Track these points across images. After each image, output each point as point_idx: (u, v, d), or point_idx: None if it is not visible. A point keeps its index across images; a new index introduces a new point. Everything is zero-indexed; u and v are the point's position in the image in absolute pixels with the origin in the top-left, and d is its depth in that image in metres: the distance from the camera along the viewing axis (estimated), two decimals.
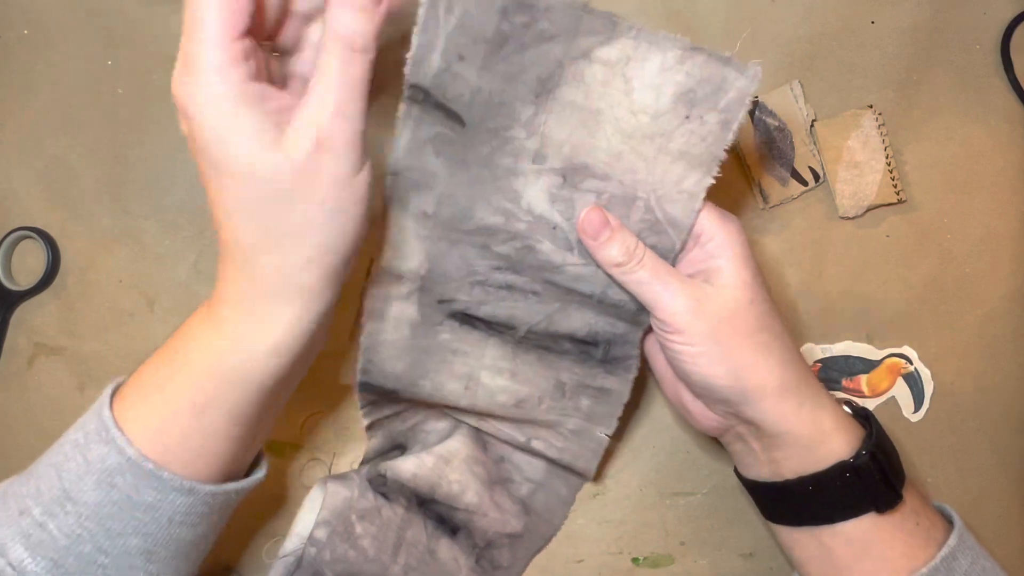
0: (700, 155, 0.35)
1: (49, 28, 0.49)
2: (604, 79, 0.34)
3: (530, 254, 0.37)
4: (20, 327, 0.50)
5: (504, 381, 0.41)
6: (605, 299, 0.38)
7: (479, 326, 0.40)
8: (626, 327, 0.40)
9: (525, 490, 0.47)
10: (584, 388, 0.42)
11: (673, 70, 0.33)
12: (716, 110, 0.34)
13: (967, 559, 0.36)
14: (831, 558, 0.38)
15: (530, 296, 0.39)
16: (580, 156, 0.35)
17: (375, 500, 0.42)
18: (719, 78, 0.33)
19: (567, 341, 0.40)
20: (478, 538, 0.45)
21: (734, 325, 0.35)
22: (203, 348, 0.33)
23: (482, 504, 0.44)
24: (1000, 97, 0.50)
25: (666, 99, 0.34)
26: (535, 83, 0.34)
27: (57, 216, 0.49)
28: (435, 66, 0.33)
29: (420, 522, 0.43)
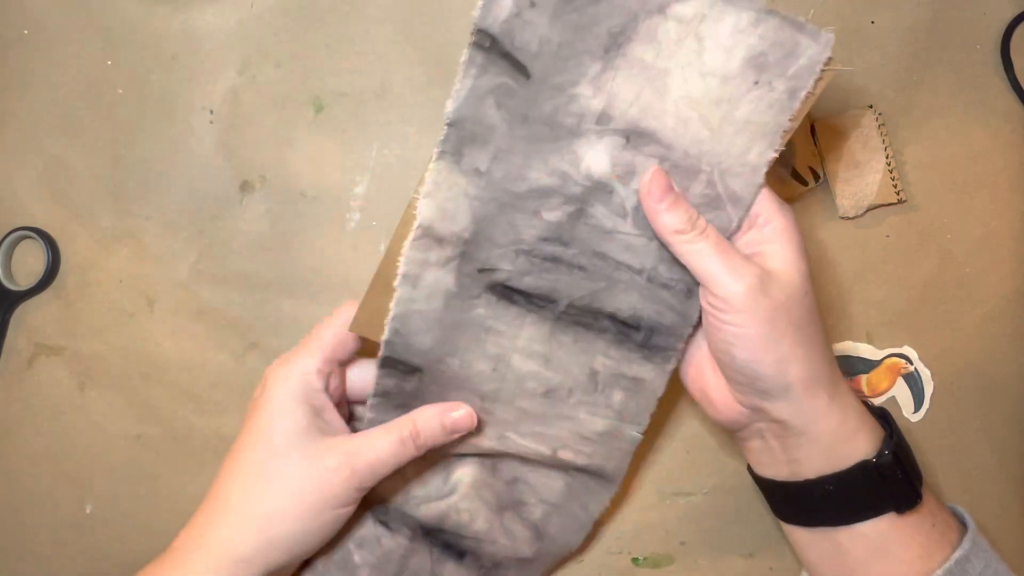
0: (766, 124, 0.34)
1: (49, 28, 0.49)
2: (677, 37, 0.33)
3: (581, 219, 0.36)
4: (20, 327, 0.50)
5: (535, 366, 0.39)
6: (655, 277, 0.37)
7: (518, 300, 0.38)
8: (674, 318, 0.38)
9: (539, 512, 0.44)
10: (618, 379, 0.39)
11: (746, 32, 0.33)
12: (785, 77, 0.33)
13: (980, 562, 0.36)
14: (846, 559, 0.37)
15: (576, 271, 0.37)
16: (647, 119, 0.34)
17: (375, 529, 0.41)
18: (792, 43, 0.33)
19: (607, 319, 0.38)
20: (485, 560, 0.43)
21: (789, 314, 0.34)
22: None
23: (491, 531, 0.42)
24: (1000, 97, 0.50)
25: (736, 62, 0.33)
26: (606, 37, 0.33)
27: (57, 216, 0.49)
28: (506, 11, 0.32)
29: (425, 550, 0.42)
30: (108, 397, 0.49)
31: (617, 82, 0.34)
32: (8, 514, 0.48)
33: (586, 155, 0.35)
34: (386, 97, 0.49)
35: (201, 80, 0.49)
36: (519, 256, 0.37)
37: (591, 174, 0.35)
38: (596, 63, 0.33)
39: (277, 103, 0.49)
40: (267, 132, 0.49)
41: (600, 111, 0.34)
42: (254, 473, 0.36)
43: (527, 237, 0.36)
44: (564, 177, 0.35)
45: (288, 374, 0.37)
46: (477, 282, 0.37)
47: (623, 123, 0.34)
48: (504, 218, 0.36)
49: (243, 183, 0.49)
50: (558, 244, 0.37)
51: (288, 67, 0.49)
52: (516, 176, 0.35)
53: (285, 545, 0.36)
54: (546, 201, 0.36)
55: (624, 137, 0.34)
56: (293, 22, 0.49)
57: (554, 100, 0.34)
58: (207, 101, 0.49)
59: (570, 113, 0.34)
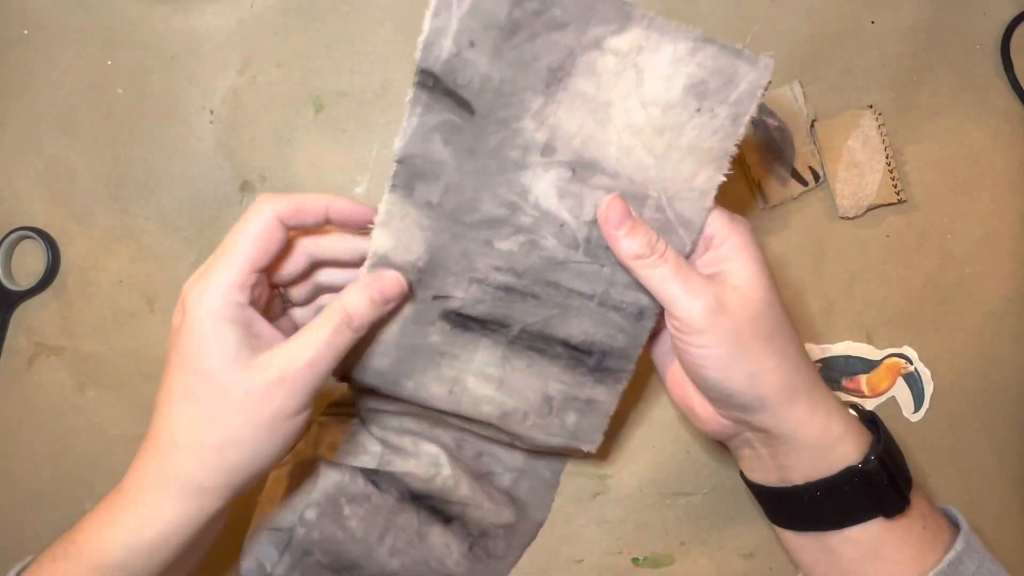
0: (711, 150, 0.35)
1: (49, 28, 0.49)
2: (616, 69, 0.34)
3: (534, 250, 0.37)
4: (20, 327, 0.50)
5: (490, 390, 0.40)
6: (607, 300, 0.38)
7: (472, 326, 0.39)
8: (625, 341, 0.39)
9: (508, 480, 0.47)
10: (572, 401, 0.41)
11: (684, 61, 0.33)
12: (727, 103, 0.34)
13: (974, 562, 0.36)
14: (839, 563, 0.38)
15: (529, 299, 0.38)
16: (590, 150, 0.35)
17: (365, 486, 0.43)
18: (731, 70, 0.33)
19: (560, 346, 0.39)
20: (472, 527, 0.45)
21: (753, 329, 0.35)
22: (95, 541, 0.34)
23: (476, 496, 0.45)
24: (1000, 97, 0.50)
25: (677, 91, 0.34)
26: (546, 72, 0.34)
27: (57, 216, 0.49)
28: (446, 51, 0.33)
29: (412, 510, 0.44)
30: (108, 397, 0.49)
31: (559, 115, 0.34)
32: (8, 514, 0.48)
33: (534, 187, 0.36)
34: (386, 97, 0.49)
35: (201, 80, 0.49)
36: (472, 284, 0.38)
37: (539, 204, 0.36)
38: (538, 98, 0.34)
39: (277, 103, 0.49)
40: (267, 132, 0.49)
41: (544, 143, 0.35)
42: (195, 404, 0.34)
43: (480, 266, 0.37)
44: (514, 207, 0.36)
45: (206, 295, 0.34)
46: (432, 309, 0.38)
47: (567, 154, 0.35)
48: (457, 247, 0.37)
49: (243, 183, 0.49)
50: (511, 275, 0.38)
51: (288, 67, 0.49)
52: (468, 207, 0.36)
53: (248, 466, 0.34)
54: (498, 231, 0.37)
55: (570, 169, 0.35)
56: (293, 22, 0.49)
57: (499, 134, 0.35)
58: (207, 101, 0.49)
59: (515, 146, 0.35)
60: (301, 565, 0.43)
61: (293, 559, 0.43)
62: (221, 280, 0.34)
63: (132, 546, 0.33)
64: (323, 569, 0.43)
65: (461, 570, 0.45)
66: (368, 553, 0.43)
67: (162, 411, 0.35)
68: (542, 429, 0.41)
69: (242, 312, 0.34)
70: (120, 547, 0.33)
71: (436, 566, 0.45)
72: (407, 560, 0.44)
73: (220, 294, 0.34)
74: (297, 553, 0.43)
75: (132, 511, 0.34)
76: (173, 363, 0.35)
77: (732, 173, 0.35)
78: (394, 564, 0.44)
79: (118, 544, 0.33)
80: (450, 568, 0.45)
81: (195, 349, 0.34)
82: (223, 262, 0.34)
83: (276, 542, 0.43)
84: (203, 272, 0.35)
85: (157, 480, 0.34)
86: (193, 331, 0.34)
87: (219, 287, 0.34)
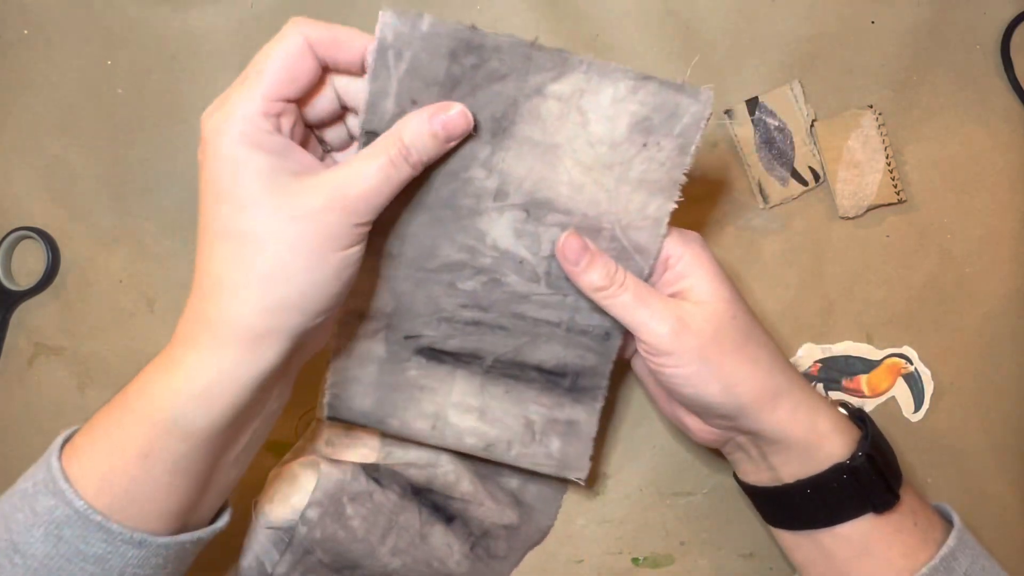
0: (660, 181, 0.36)
1: (49, 28, 0.49)
2: (560, 113, 0.34)
3: (496, 287, 0.38)
4: (20, 327, 0.50)
5: (472, 421, 0.41)
6: (573, 326, 0.39)
7: (446, 360, 0.40)
8: (596, 359, 0.40)
9: (515, 482, 0.48)
10: (553, 424, 0.41)
11: (626, 100, 0.34)
12: (672, 136, 0.35)
13: (967, 559, 0.36)
14: (832, 560, 0.38)
15: (498, 331, 0.39)
16: (542, 191, 0.36)
17: (367, 484, 0.43)
18: (673, 105, 0.34)
19: (534, 370, 0.40)
20: (474, 527, 0.45)
21: (720, 341, 0.35)
22: (149, 394, 0.32)
23: (477, 493, 0.45)
24: (1000, 97, 0.50)
25: (622, 129, 0.35)
26: (490, 122, 0.34)
27: (57, 216, 0.49)
28: (389, 111, 0.33)
29: (415, 509, 0.44)
30: (108, 397, 0.48)
31: (508, 161, 0.35)
32: None
33: (491, 230, 0.37)
34: None
35: (201, 80, 0.49)
36: (441, 323, 0.39)
37: (497, 245, 0.37)
38: (485, 148, 0.35)
39: None
40: None
41: (496, 189, 0.36)
42: (233, 238, 0.30)
43: (447, 306, 0.38)
44: (472, 251, 0.37)
45: (226, 122, 0.30)
46: (406, 348, 0.40)
47: (520, 197, 0.36)
48: (422, 292, 0.38)
49: None
50: (477, 310, 0.39)
51: None
52: (427, 255, 0.37)
53: (298, 304, 0.31)
54: (459, 273, 0.38)
55: (524, 210, 0.36)
56: None
57: (450, 185, 0.36)
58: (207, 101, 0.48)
59: (468, 195, 0.36)
60: (302, 564, 0.43)
61: (294, 558, 0.43)
62: (242, 106, 0.30)
63: (185, 396, 0.31)
64: (324, 568, 0.43)
65: (462, 570, 0.45)
66: (370, 552, 0.43)
67: (201, 253, 0.32)
68: (528, 458, 0.42)
69: (271, 139, 0.31)
70: (172, 398, 0.31)
71: (437, 566, 0.45)
72: (408, 560, 0.44)
73: (242, 118, 0.30)
74: (298, 552, 0.43)
75: (183, 361, 0.32)
76: (204, 199, 0.31)
77: (683, 200, 0.36)
78: (395, 563, 0.44)
79: (170, 395, 0.31)
80: (451, 568, 0.45)
81: (225, 178, 0.30)
82: (244, 87, 0.31)
83: (277, 541, 0.44)
84: (223, 100, 0.31)
85: (205, 327, 0.32)
86: (220, 158, 0.30)
87: (240, 112, 0.30)
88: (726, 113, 0.49)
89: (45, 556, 0.31)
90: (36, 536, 0.31)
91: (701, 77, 0.49)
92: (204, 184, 0.31)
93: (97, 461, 0.32)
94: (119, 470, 0.32)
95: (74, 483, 0.32)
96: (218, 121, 0.31)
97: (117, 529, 0.32)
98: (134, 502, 0.32)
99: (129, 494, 0.32)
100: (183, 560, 0.36)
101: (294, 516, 0.43)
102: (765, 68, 0.49)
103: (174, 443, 0.32)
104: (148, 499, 0.32)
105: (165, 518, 0.33)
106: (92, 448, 0.33)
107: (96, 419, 0.34)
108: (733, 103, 0.49)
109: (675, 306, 0.35)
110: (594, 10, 0.48)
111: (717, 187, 0.49)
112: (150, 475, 0.32)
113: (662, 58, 0.49)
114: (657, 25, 0.49)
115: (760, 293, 0.49)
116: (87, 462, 0.32)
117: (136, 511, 0.32)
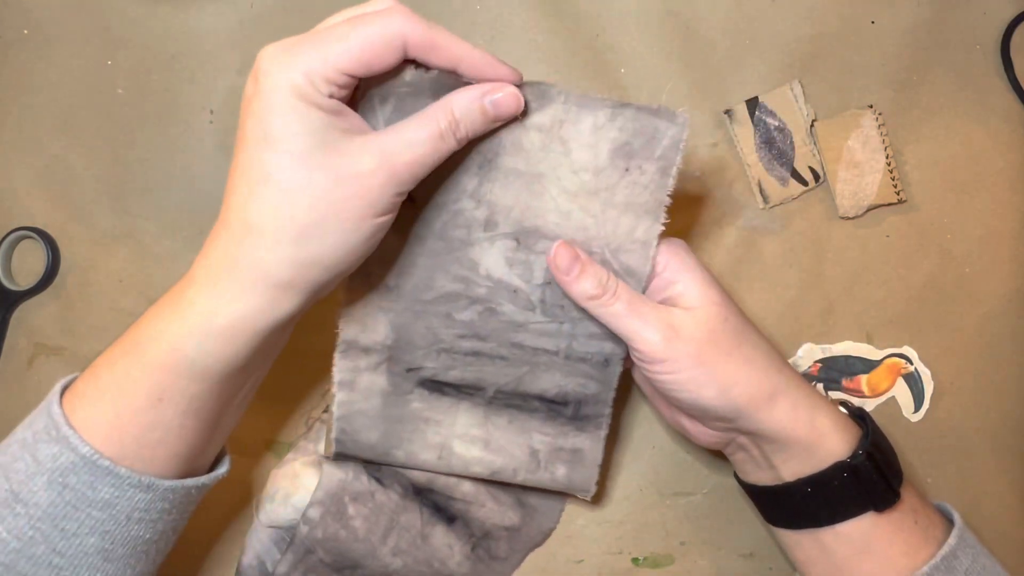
0: (646, 203, 0.37)
1: (49, 28, 0.49)
2: (542, 144, 0.36)
3: (493, 317, 0.39)
4: (20, 327, 0.50)
5: (478, 452, 0.42)
6: (572, 354, 0.39)
7: (449, 392, 0.41)
8: (597, 387, 0.40)
9: None
10: (558, 452, 0.42)
11: (605, 128, 0.35)
12: (653, 159, 0.36)
13: (968, 557, 0.36)
14: (832, 559, 0.38)
15: (497, 361, 0.40)
16: (530, 219, 0.37)
17: (369, 484, 0.43)
18: (651, 129, 0.35)
19: (536, 400, 0.41)
20: (475, 528, 0.46)
21: (714, 345, 0.35)
22: (161, 336, 0.32)
23: (479, 494, 0.45)
24: (1000, 97, 0.50)
25: (604, 155, 0.36)
26: (476, 156, 0.36)
27: (57, 216, 0.49)
28: None
29: (416, 508, 0.44)
30: None
31: (495, 192, 0.36)
32: None
33: (483, 260, 0.38)
34: None
35: (201, 80, 0.49)
36: (440, 354, 0.40)
37: (491, 275, 0.38)
38: (472, 179, 0.36)
39: None
40: None
41: (485, 219, 0.37)
42: (274, 187, 0.30)
43: (445, 337, 0.39)
44: (467, 281, 0.38)
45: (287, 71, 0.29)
46: (408, 379, 0.40)
47: (509, 226, 0.37)
48: (420, 324, 0.39)
49: None
50: (476, 339, 0.39)
51: None
52: (424, 287, 0.38)
53: (327, 262, 0.31)
54: (455, 304, 0.39)
55: (514, 239, 0.37)
56: (293, 22, 0.49)
57: (442, 217, 0.37)
58: (207, 101, 0.49)
59: (458, 226, 0.37)
60: (303, 564, 0.43)
61: (295, 557, 0.43)
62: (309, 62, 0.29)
63: (202, 336, 0.31)
64: (325, 568, 0.43)
65: (463, 571, 0.45)
66: (371, 552, 0.43)
67: (236, 192, 0.31)
68: (535, 483, 0.43)
69: (326, 100, 0.30)
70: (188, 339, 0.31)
71: (438, 566, 0.45)
72: (409, 560, 0.44)
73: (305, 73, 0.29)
74: (300, 551, 0.43)
75: (202, 300, 0.31)
76: (248, 138, 0.31)
77: (669, 221, 0.37)
78: (396, 564, 0.44)
79: (185, 336, 0.31)
80: (452, 568, 0.45)
81: (276, 125, 0.30)
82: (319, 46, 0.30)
83: (278, 540, 0.44)
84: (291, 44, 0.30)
85: (230, 267, 0.31)
86: (273, 104, 0.30)
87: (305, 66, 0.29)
88: (726, 113, 0.49)
89: (49, 504, 0.31)
90: (39, 484, 0.31)
91: (701, 77, 0.49)
92: (250, 125, 0.30)
93: (104, 407, 0.32)
94: (130, 415, 0.32)
95: (79, 430, 0.32)
96: (280, 65, 0.30)
97: (125, 473, 0.32)
98: (145, 447, 0.32)
99: (140, 439, 0.32)
100: (187, 506, 0.36)
101: (296, 515, 0.43)
102: (765, 68, 0.49)
103: (189, 385, 0.32)
104: (159, 443, 0.32)
105: (173, 462, 0.33)
106: (98, 394, 0.33)
107: (100, 365, 0.33)
108: (733, 103, 0.49)
109: (666, 313, 0.36)
110: (594, 10, 0.48)
111: (717, 187, 0.49)
112: (163, 419, 0.32)
113: (662, 58, 0.49)
114: (657, 25, 0.49)
115: (760, 293, 0.49)
116: (92, 409, 0.32)
117: (147, 455, 0.32)
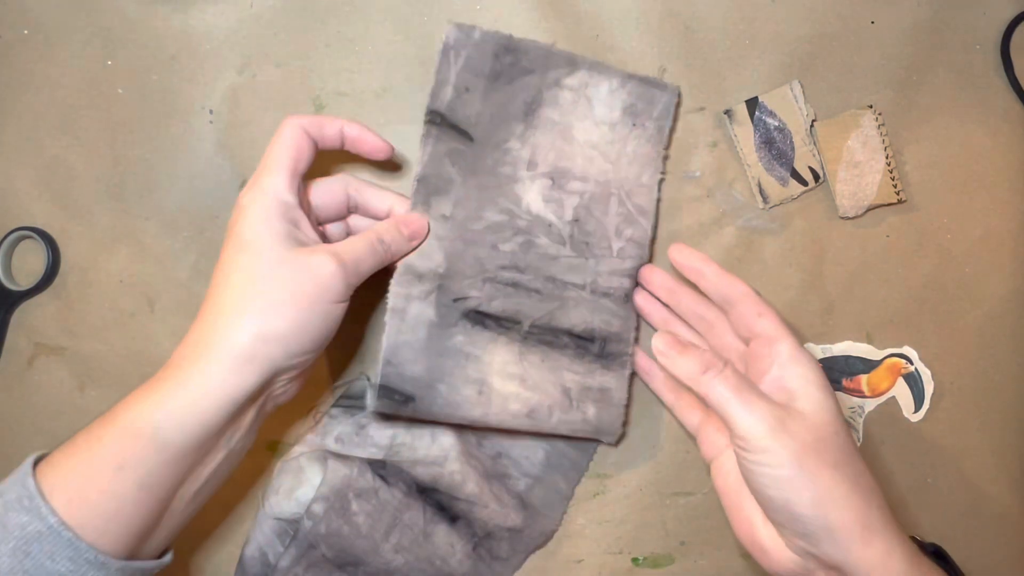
0: (648, 154, 0.47)
1: (49, 28, 0.49)
2: (572, 100, 0.45)
3: (531, 248, 0.44)
4: (20, 327, 0.50)
5: (514, 387, 0.43)
6: (596, 288, 0.45)
7: (489, 324, 0.43)
8: (620, 324, 0.46)
9: (523, 485, 0.48)
10: (587, 391, 0.45)
11: (618, 91, 0.46)
12: (652, 118, 0.47)
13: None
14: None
15: (533, 294, 0.44)
16: (563, 161, 0.45)
17: (373, 481, 0.44)
18: (650, 95, 0.46)
19: (566, 336, 0.45)
20: (478, 528, 0.46)
21: (820, 453, 0.34)
22: (132, 407, 0.34)
23: (482, 495, 0.45)
24: (1000, 97, 0.50)
25: (617, 112, 0.46)
26: (523, 106, 0.45)
27: (57, 216, 0.49)
28: (448, 96, 0.43)
29: (419, 507, 0.45)
30: (108, 397, 0.49)
31: (537, 136, 0.45)
32: None
33: (525, 195, 0.45)
34: (386, 97, 0.49)
35: (201, 80, 0.49)
36: (485, 284, 0.44)
37: (530, 210, 0.45)
38: (520, 124, 0.45)
39: (277, 103, 0.49)
40: (267, 132, 0.48)
41: (528, 159, 0.45)
42: (244, 278, 0.37)
43: (490, 267, 0.44)
44: (511, 214, 0.45)
45: (259, 195, 0.38)
46: (453, 311, 0.43)
47: (546, 167, 0.45)
48: (470, 253, 0.44)
49: (243, 183, 0.49)
50: (515, 271, 0.44)
51: (288, 67, 0.49)
52: (474, 217, 0.44)
53: (284, 339, 0.36)
54: (500, 234, 0.44)
55: (550, 178, 0.45)
56: (293, 22, 0.49)
57: (494, 155, 0.44)
58: (207, 101, 0.49)
59: (506, 163, 0.45)
60: (306, 558, 0.43)
61: (298, 551, 0.43)
62: (269, 181, 0.39)
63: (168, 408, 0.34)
64: (327, 563, 0.43)
65: (464, 570, 0.45)
66: (373, 549, 0.44)
67: (214, 286, 0.37)
68: (568, 425, 0.44)
69: (290, 211, 0.39)
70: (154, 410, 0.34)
71: (439, 564, 0.45)
72: (411, 557, 0.44)
73: (270, 193, 0.38)
74: (303, 546, 0.43)
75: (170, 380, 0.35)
76: (227, 248, 0.38)
77: (666, 174, 0.47)
78: (398, 561, 0.44)
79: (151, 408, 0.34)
80: (453, 567, 0.45)
81: (248, 232, 0.38)
82: (268, 169, 0.39)
83: (281, 533, 0.44)
84: (253, 182, 0.39)
85: (199, 348, 0.36)
86: (247, 220, 0.38)
87: (269, 187, 0.38)
88: (726, 113, 0.49)
89: (9, 571, 0.32)
90: (3, 551, 0.32)
91: (701, 77, 0.49)
92: (229, 239, 0.38)
93: (72, 474, 0.33)
94: (92, 482, 0.33)
95: (48, 497, 0.33)
96: (252, 195, 0.38)
97: (84, 548, 0.32)
98: (101, 516, 0.33)
99: (98, 507, 0.33)
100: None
101: (300, 509, 0.43)
102: (765, 68, 0.49)
103: (150, 454, 0.34)
104: (115, 513, 0.33)
105: (124, 539, 0.34)
106: (68, 462, 0.34)
107: (76, 437, 0.35)
108: (733, 103, 0.49)
109: (775, 405, 0.35)
110: (594, 10, 0.48)
111: (717, 187, 0.49)
112: (121, 488, 0.33)
113: (662, 58, 0.49)
114: (657, 25, 0.48)
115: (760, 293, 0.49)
116: (61, 476, 0.33)
117: (101, 526, 0.33)
